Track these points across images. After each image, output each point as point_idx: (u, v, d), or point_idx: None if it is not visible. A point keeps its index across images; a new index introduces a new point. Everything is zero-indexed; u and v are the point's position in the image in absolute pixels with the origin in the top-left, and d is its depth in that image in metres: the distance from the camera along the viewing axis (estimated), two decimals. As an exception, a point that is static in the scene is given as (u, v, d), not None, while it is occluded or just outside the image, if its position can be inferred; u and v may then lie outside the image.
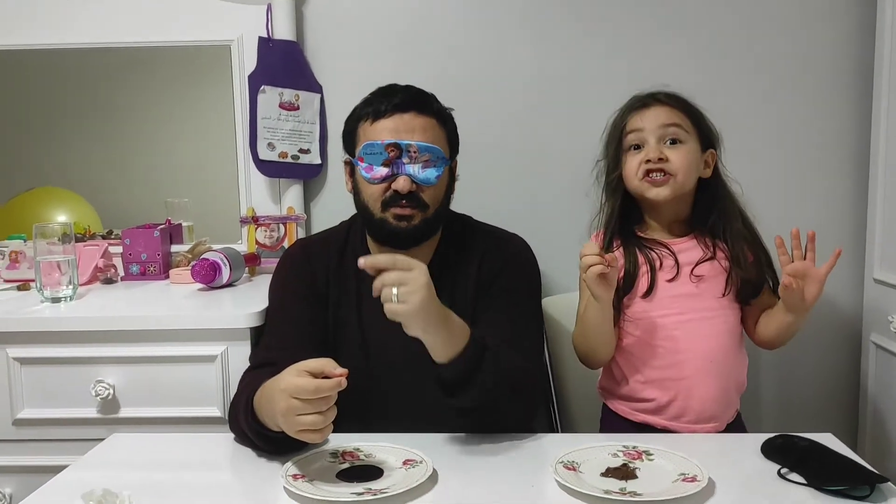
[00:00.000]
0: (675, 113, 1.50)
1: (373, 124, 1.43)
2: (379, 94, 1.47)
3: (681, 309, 1.49)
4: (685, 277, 1.50)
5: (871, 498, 1.10)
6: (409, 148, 1.39)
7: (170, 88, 2.32)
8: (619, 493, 1.11)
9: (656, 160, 1.47)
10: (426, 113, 1.43)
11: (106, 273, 2.02)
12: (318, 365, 1.16)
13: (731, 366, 1.52)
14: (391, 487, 1.15)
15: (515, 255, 1.54)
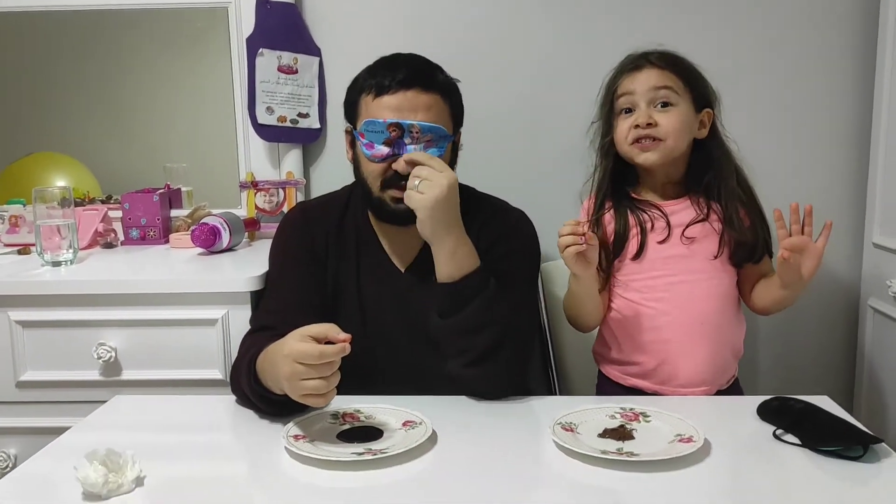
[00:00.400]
0: (666, 75, 1.48)
1: (375, 100, 1.40)
2: (383, 65, 1.43)
3: (671, 271, 1.50)
4: (676, 239, 1.50)
5: (864, 458, 1.11)
6: (411, 128, 1.37)
7: (168, 52, 2.30)
8: (616, 453, 1.13)
9: (645, 125, 1.46)
10: (430, 89, 1.40)
11: (106, 237, 2.02)
12: (321, 330, 1.17)
13: (723, 330, 1.51)
14: (391, 448, 1.16)
15: (514, 225, 1.54)
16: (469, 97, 1.49)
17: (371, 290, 1.51)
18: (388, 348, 1.50)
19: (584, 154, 1.63)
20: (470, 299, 1.35)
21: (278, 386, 1.21)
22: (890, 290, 1.88)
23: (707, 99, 1.52)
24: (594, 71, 1.59)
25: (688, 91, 1.48)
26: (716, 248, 1.50)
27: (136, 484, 1.07)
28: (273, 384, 1.24)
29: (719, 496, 1.07)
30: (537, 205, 1.65)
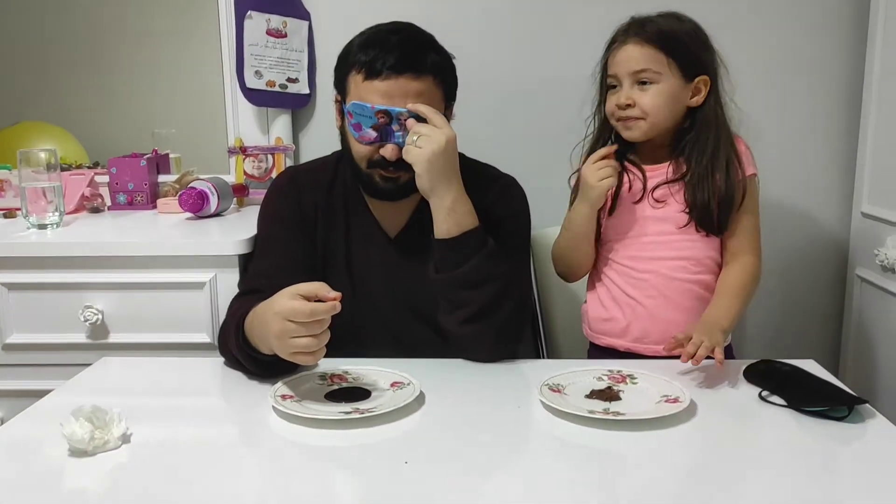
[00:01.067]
0: (647, 53, 1.44)
1: (364, 81, 1.36)
2: (374, 42, 1.38)
3: (642, 231, 1.51)
4: (646, 200, 1.50)
5: (848, 419, 1.12)
6: (399, 116, 1.35)
7: (156, 16, 2.28)
8: (603, 412, 1.13)
9: (624, 106, 1.46)
10: (422, 73, 1.36)
11: (93, 202, 2.01)
12: (311, 288, 1.17)
13: (696, 292, 1.51)
14: (378, 407, 1.16)
15: (506, 191, 1.53)
16: (461, 64, 1.47)
17: (360, 256, 1.51)
18: (376, 314, 1.49)
19: (577, 124, 1.62)
20: (470, 255, 1.35)
21: (267, 345, 1.21)
22: (877, 258, 1.89)
23: (701, 66, 1.48)
24: (587, 41, 1.57)
25: (674, 63, 1.45)
26: (685, 217, 1.48)
27: (123, 441, 1.07)
28: (262, 344, 1.24)
29: (704, 455, 1.08)
30: (528, 173, 1.64)
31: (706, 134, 1.48)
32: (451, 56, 1.45)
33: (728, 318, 1.41)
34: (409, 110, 1.34)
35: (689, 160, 1.49)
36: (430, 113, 1.34)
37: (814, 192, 2.14)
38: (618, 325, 1.53)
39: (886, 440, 1.09)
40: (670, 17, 1.49)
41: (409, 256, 1.49)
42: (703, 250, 1.51)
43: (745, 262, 1.49)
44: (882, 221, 1.90)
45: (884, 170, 1.92)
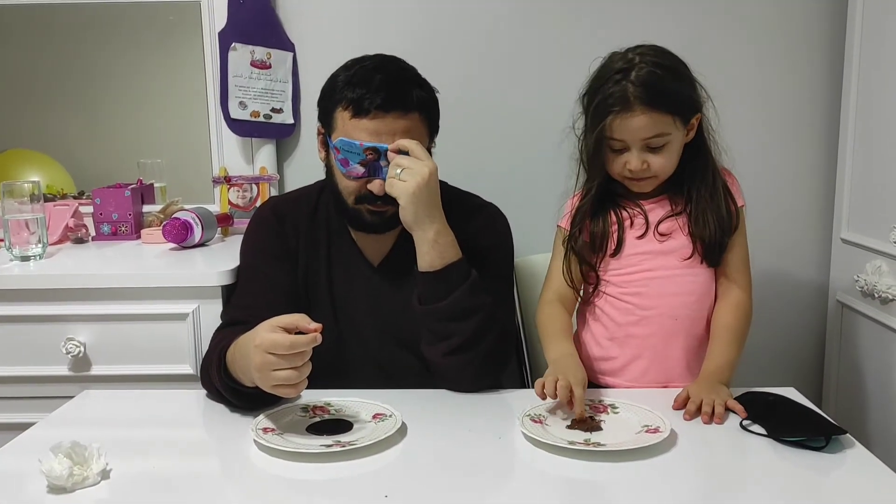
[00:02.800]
0: (657, 120, 1.40)
1: (352, 119, 1.37)
2: (361, 80, 1.38)
3: (648, 266, 1.49)
4: (651, 234, 1.50)
5: (828, 448, 1.13)
6: (387, 153, 1.36)
7: (141, 47, 2.28)
8: (584, 443, 1.14)
9: (638, 170, 1.43)
10: (409, 110, 1.38)
11: (76, 232, 2.00)
12: (291, 320, 1.17)
13: (698, 326, 1.50)
14: (360, 440, 1.16)
15: (489, 222, 1.54)
16: (444, 93, 1.48)
17: (343, 285, 1.51)
18: (359, 343, 1.50)
19: (560, 152, 1.62)
20: (453, 288, 1.36)
21: (249, 378, 1.21)
22: (857, 284, 1.90)
23: (695, 107, 1.47)
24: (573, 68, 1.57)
25: (678, 118, 1.43)
26: (689, 250, 1.48)
27: (102, 477, 1.07)
28: (243, 376, 1.23)
29: (684, 485, 1.08)
30: (511, 200, 1.65)
31: (703, 163, 1.48)
32: (435, 89, 1.46)
33: (728, 368, 1.41)
34: (392, 149, 1.35)
35: (689, 192, 1.48)
36: (412, 145, 1.35)
37: (794, 219, 2.16)
38: (616, 363, 1.52)
39: (865, 471, 1.09)
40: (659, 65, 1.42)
41: (392, 285, 1.49)
42: (704, 284, 1.49)
43: (737, 300, 1.48)
44: (861, 248, 1.92)
45: (863, 196, 1.94)
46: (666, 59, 1.45)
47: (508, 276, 1.58)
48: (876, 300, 1.85)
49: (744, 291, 1.49)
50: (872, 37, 1.89)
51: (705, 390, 1.31)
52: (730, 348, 1.44)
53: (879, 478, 1.07)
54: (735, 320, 1.47)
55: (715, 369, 1.40)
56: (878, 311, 1.85)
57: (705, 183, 1.48)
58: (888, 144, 1.81)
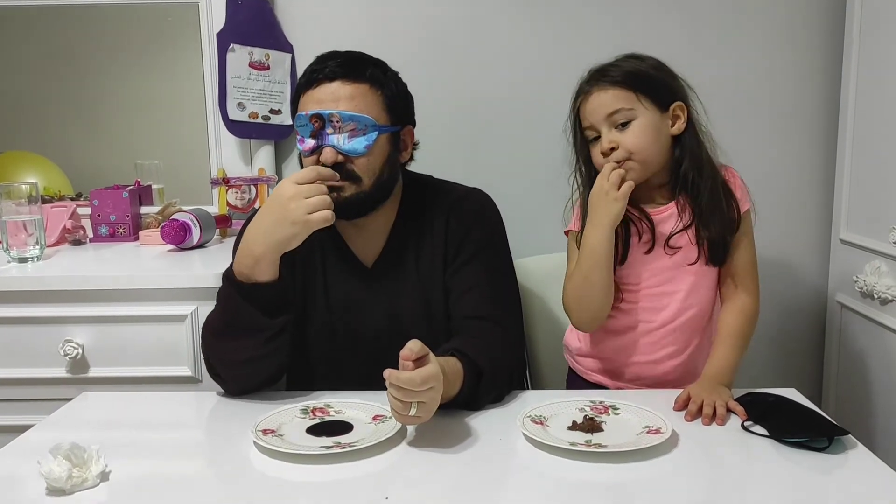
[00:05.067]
0: (616, 94, 1.43)
1: (304, 94, 1.41)
2: (316, 61, 1.43)
3: (655, 282, 1.48)
4: (660, 249, 1.47)
5: (829, 450, 1.13)
6: (331, 118, 1.35)
7: (139, 48, 2.28)
8: (585, 444, 1.13)
9: (608, 150, 1.43)
10: (356, 79, 1.38)
11: (74, 234, 2.00)
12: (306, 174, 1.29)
13: (697, 338, 1.51)
14: (360, 441, 1.16)
15: (480, 210, 1.53)
16: (442, 94, 1.48)
17: (338, 289, 1.50)
18: (358, 346, 1.49)
19: (557, 150, 1.62)
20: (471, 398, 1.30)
21: (263, 241, 1.29)
22: (856, 285, 1.90)
23: (674, 93, 1.46)
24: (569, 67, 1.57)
25: (643, 97, 1.43)
26: (695, 254, 1.47)
27: (101, 479, 1.06)
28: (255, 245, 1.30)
29: (686, 486, 1.08)
30: (509, 201, 1.65)
31: (698, 160, 1.47)
32: (403, 83, 1.47)
33: (729, 372, 1.40)
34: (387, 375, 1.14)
35: (693, 192, 1.46)
36: (409, 381, 1.12)
37: (793, 219, 2.16)
38: (611, 364, 1.53)
39: (867, 471, 1.09)
40: (629, 58, 1.48)
41: (387, 284, 1.49)
42: (709, 290, 1.50)
43: (743, 304, 1.48)
44: (860, 248, 1.92)
45: (862, 197, 1.94)
46: (640, 57, 1.48)
47: (510, 261, 1.56)
48: (875, 301, 1.85)
49: (751, 296, 1.49)
50: (871, 37, 1.89)
51: (706, 391, 1.30)
52: (733, 352, 1.44)
53: (881, 478, 1.07)
54: (740, 325, 1.46)
55: (717, 371, 1.40)
56: (878, 312, 1.85)
57: (703, 178, 1.46)
58: (887, 145, 1.81)
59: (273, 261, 1.32)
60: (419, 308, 1.48)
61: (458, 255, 1.48)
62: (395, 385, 1.12)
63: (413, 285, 1.48)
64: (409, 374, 1.11)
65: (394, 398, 1.14)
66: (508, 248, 1.58)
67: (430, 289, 1.48)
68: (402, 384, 1.11)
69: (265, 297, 1.32)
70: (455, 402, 1.27)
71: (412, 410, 1.14)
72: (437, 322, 1.48)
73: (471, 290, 1.46)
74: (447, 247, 1.49)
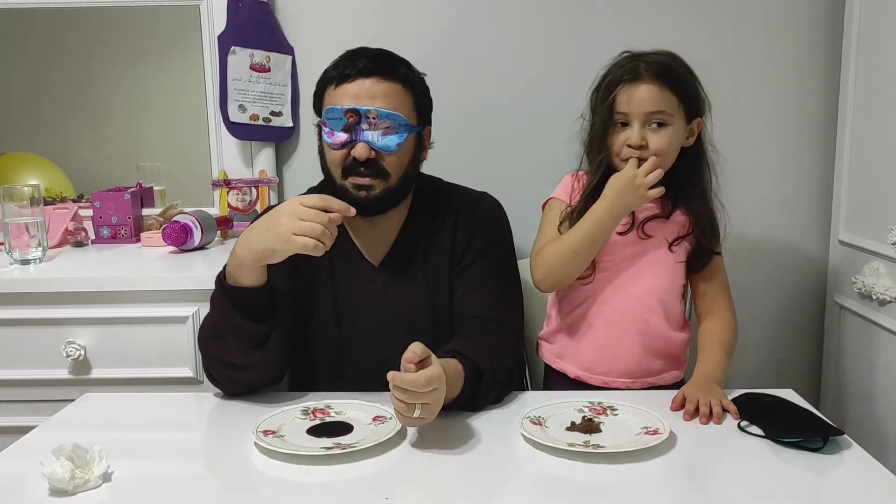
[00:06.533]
0: (662, 95, 1.44)
1: (336, 88, 1.41)
2: (347, 56, 1.44)
3: (618, 260, 1.52)
4: (633, 232, 1.52)
5: (825, 450, 1.13)
6: (368, 114, 1.37)
7: (140, 51, 2.29)
8: (583, 445, 1.14)
9: (637, 146, 1.44)
10: (390, 78, 1.41)
11: (76, 236, 2.01)
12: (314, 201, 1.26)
13: (653, 329, 1.52)
14: (360, 442, 1.16)
15: (488, 214, 1.55)
16: (445, 94, 1.49)
17: (345, 287, 1.50)
18: (363, 345, 1.49)
19: (562, 151, 1.63)
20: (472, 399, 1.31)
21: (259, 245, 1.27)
22: (855, 286, 1.91)
23: (698, 109, 1.50)
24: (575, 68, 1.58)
25: (682, 107, 1.46)
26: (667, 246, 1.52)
27: (104, 480, 1.07)
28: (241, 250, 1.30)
29: (683, 487, 1.09)
30: (512, 201, 1.65)
31: (700, 173, 1.52)
32: (427, 85, 1.48)
33: (721, 372, 1.42)
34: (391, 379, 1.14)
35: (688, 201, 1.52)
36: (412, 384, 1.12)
37: (791, 220, 2.16)
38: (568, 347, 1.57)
39: (863, 472, 1.10)
40: (671, 58, 1.49)
41: (395, 284, 1.49)
42: (673, 287, 1.54)
43: (724, 317, 1.53)
44: (859, 249, 1.92)
45: (860, 198, 1.94)
46: (678, 59, 1.51)
47: (516, 265, 1.57)
48: (874, 302, 1.85)
49: (731, 312, 1.55)
50: (869, 38, 1.89)
51: (700, 391, 1.32)
52: (720, 355, 1.47)
53: (877, 479, 1.08)
54: (726, 333, 1.51)
55: (708, 370, 1.42)
56: (876, 313, 1.85)
57: (700, 192, 1.52)
58: (886, 145, 1.81)
59: (253, 268, 1.31)
60: (425, 308, 1.49)
61: (464, 256, 1.50)
62: (398, 387, 1.12)
63: (419, 285, 1.49)
64: (413, 375, 1.12)
65: (398, 400, 1.14)
66: (514, 253, 1.59)
67: (436, 289, 1.49)
68: (406, 386, 1.12)
69: (248, 301, 1.33)
70: (455, 404, 1.28)
71: (416, 412, 1.14)
72: (443, 322, 1.49)
73: (474, 290, 1.47)
74: (454, 248, 1.50)
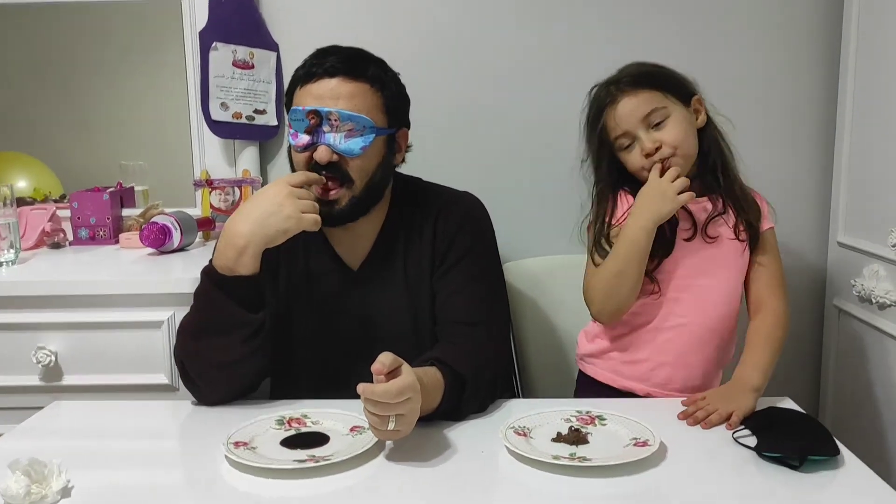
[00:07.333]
0: (646, 96, 1.42)
1: (301, 88, 1.37)
2: (316, 55, 1.39)
3: (692, 271, 1.46)
4: (699, 237, 1.46)
5: (803, 469, 1.08)
6: (329, 116, 1.32)
7: (124, 47, 2.26)
8: (569, 458, 1.09)
9: (654, 151, 1.41)
10: (357, 78, 1.35)
11: (53, 237, 1.95)
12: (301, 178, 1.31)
13: (727, 338, 1.50)
14: (335, 455, 1.12)
15: (469, 214, 1.50)
16: (432, 96, 1.44)
17: (324, 293, 1.46)
18: (345, 352, 1.45)
19: (557, 154, 1.58)
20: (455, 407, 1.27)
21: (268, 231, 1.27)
22: (854, 289, 1.86)
23: (689, 89, 1.49)
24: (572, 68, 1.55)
25: (669, 94, 1.44)
26: (736, 241, 1.47)
27: (62, 494, 1.03)
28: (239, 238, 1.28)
29: (672, 501, 1.03)
30: (498, 203, 1.61)
31: (722, 149, 1.51)
32: (402, 85, 1.44)
33: (760, 377, 1.35)
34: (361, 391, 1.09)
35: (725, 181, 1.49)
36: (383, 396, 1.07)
37: (789, 221, 2.11)
38: (642, 368, 1.49)
39: (858, 490, 1.05)
40: (637, 65, 1.49)
41: (374, 288, 1.46)
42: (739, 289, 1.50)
43: (775, 309, 1.48)
44: (858, 251, 1.88)
45: (860, 198, 1.90)
46: (643, 62, 1.50)
47: (499, 264, 1.53)
48: (873, 306, 1.80)
49: (781, 301, 1.50)
50: (868, 39, 1.85)
51: (724, 399, 1.27)
52: (763, 355, 1.41)
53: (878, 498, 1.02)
54: (771, 328, 1.46)
55: (745, 375, 1.36)
56: (876, 317, 1.80)
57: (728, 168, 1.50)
58: (887, 143, 1.77)
59: (256, 253, 1.29)
60: (406, 312, 1.45)
61: (445, 259, 1.45)
62: (370, 399, 1.07)
63: (400, 289, 1.45)
64: (384, 386, 1.07)
65: (370, 413, 1.09)
66: (497, 253, 1.54)
67: (417, 293, 1.45)
68: (377, 398, 1.07)
69: (246, 290, 1.30)
70: (436, 414, 1.23)
71: (390, 425, 1.09)
72: (425, 327, 1.45)
73: (456, 293, 1.43)
74: (435, 250, 1.46)
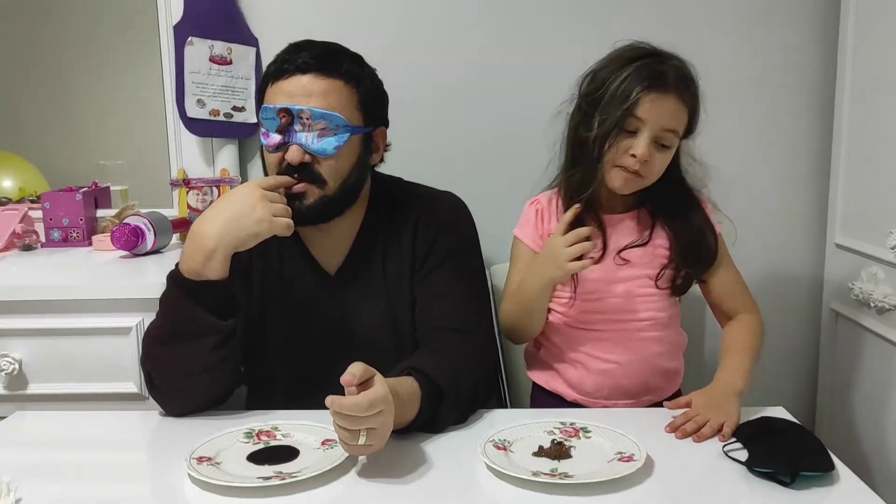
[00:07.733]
0: (681, 114, 1.35)
1: (272, 85, 1.31)
2: (288, 50, 1.33)
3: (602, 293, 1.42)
4: (610, 259, 1.41)
5: (795, 485, 1.02)
6: (301, 114, 1.26)
7: (104, 44, 2.21)
8: (549, 474, 1.03)
9: (642, 161, 1.33)
10: (331, 74, 1.29)
11: (24, 239, 1.90)
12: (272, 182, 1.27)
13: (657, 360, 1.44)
14: (303, 471, 1.06)
15: (451, 215, 1.45)
16: (413, 92, 1.38)
17: (298, 297, 1.41)
18: (324, 358, 1.38)
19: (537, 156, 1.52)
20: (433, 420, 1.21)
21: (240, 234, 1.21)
22: (852, 292, 1.81)
23: (693, 129, 1.40)
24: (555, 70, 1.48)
25: (686, 126, 1.38)
26: (654, 274, 1.41)
27: (10, 515, 0.96)
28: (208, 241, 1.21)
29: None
30: (485, 205, 1.58)
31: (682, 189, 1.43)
32: (380, 81, 1.38)
33: (741, 380, 1.31)
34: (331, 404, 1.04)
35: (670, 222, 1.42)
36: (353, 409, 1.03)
37: (786, 223, 2.08)
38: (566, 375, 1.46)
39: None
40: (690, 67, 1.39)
41: (351, 292, 1.40)
42: (669, 305, 1.44)
43: (747, 321, 1.43)
44: (856, 253, 1.83)
45: (858, 198, 1.85)
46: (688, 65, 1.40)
47: (482, 265, 1.48)
48: (872, 309, 1.75)
49: (750, 312, 1.45)
50: (866, 39, 1.81)
51: (712, 409, 1.21)
52: (742, 359, 1.36)
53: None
54: (746, 337, 1.41)
55: (728, 378, 1.32)
56: (875, 322, 1.75)
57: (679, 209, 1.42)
58: (884, 143, 1.72)
59: (225, 257, 1.23)
60: (385, 318, 1.40)
61: (426, 262, 1.40)
62: (339, 413, 1.01)
63: (379, 294, 1.40)
64: (355, 398, 1.01)
65: (339, 427, 1.03)
66: (480, 254, 1.49)
67: (396, 297, 1.40)
68: (346, 411, 1.01)
69: (215, 296, 1.23)
70: (413, 426, 1.17)
71: (361, 439, 1.03)
72: (405, 334, 1.40)
73: (438, 298, 1.37)
74: (415, 253, 1.40)
